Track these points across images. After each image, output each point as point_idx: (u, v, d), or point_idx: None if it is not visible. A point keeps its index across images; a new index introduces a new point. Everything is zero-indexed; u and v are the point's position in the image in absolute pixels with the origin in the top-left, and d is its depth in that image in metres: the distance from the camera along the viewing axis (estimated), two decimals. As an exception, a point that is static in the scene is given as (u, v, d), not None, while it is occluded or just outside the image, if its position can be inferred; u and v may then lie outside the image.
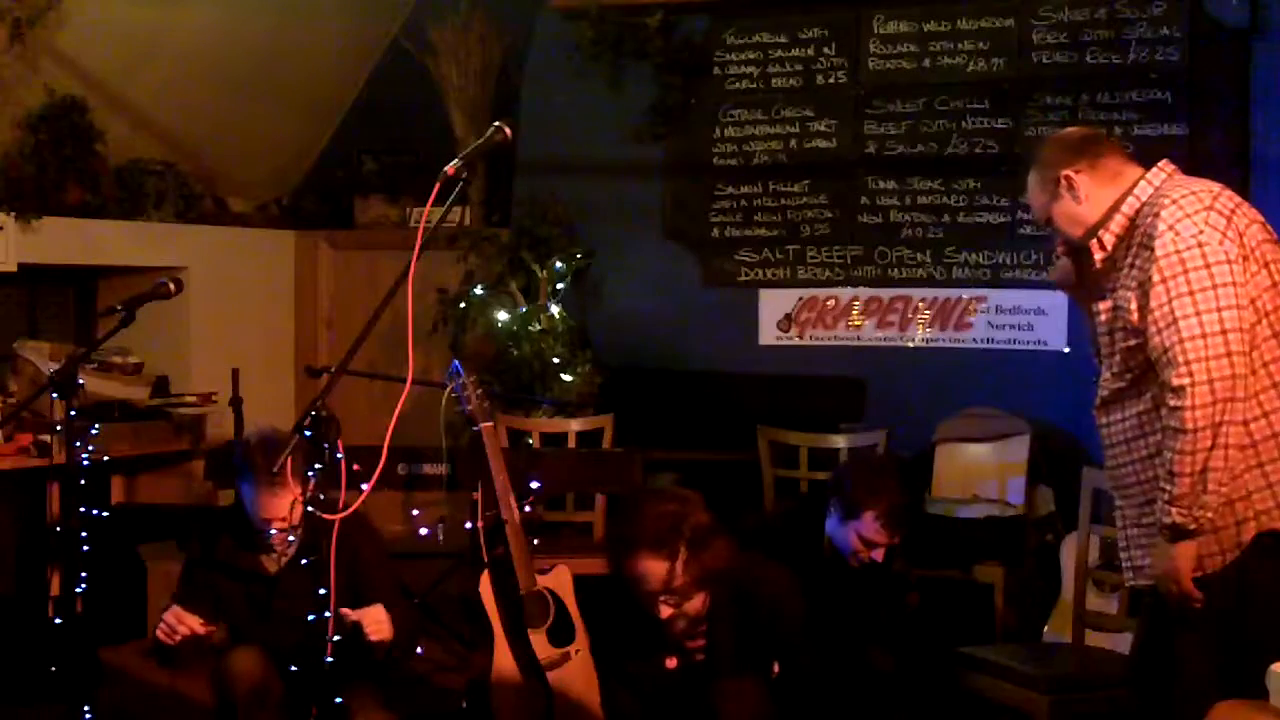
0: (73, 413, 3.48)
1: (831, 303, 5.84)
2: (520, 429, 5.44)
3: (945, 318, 5.66)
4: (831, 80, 5.81)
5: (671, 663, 3.52)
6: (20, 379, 5.25)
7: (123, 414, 5.44)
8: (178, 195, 6.04)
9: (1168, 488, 2.81)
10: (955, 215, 5.63)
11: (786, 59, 5.88)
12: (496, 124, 2.83)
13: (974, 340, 5.61)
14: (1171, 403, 2.78)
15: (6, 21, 4.95)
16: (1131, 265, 2.93)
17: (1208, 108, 5.21)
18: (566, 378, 5.71)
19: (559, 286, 5.89)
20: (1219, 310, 2.75)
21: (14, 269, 5.24)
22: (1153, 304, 2.82)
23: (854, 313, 5.79)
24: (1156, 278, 2.81)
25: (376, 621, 3.46)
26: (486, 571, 3.73)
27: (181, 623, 3.45)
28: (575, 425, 5.43)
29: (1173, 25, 5.25)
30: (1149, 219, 2.90)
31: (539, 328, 5.77)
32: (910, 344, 5.70)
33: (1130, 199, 2.97)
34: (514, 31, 6.30)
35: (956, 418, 5.26)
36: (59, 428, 4.07)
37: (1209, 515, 2.79)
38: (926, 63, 5.66)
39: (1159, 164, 3.03)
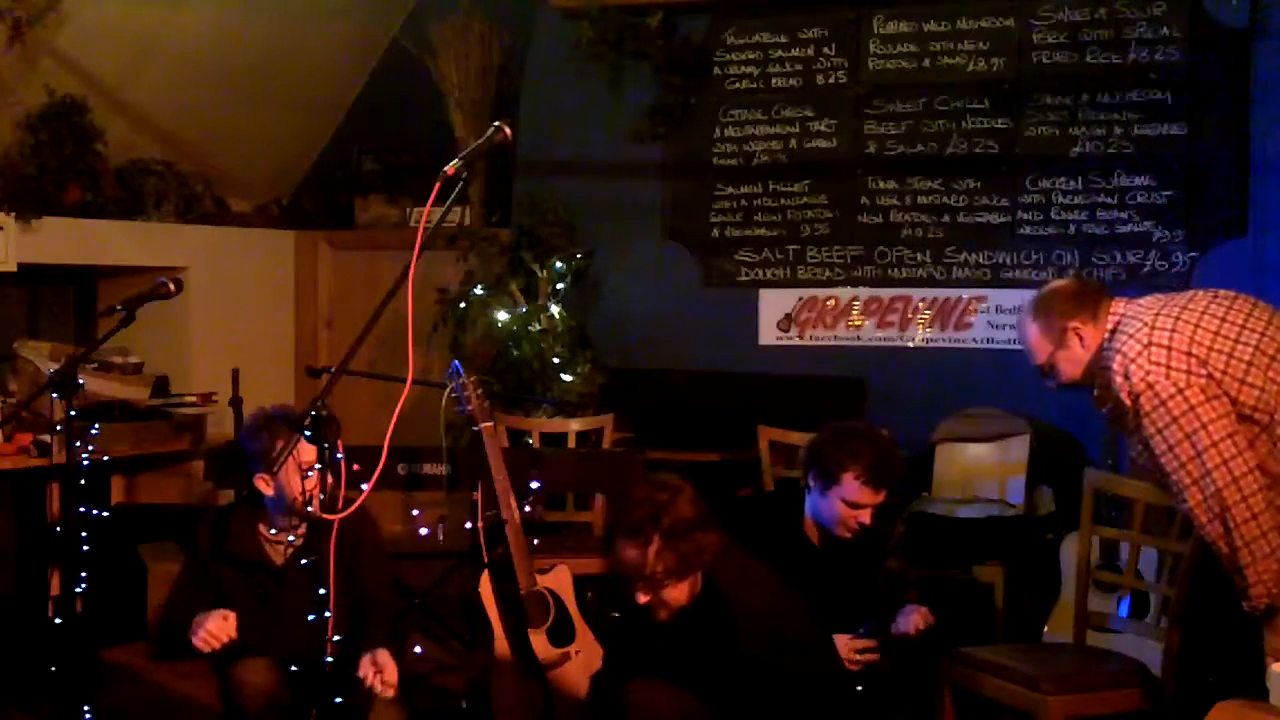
0: (73, 413, 3.47)
1: (831, 303, 5.84)
2: (520, 429, 5.43)
3: (945, 318, 5.66)
4: (831, 80, 5.82)
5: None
6: (20, 379, 5.25)
7: (123, 414, 5.44)
8: (178, 195, 6.04)
9: (1236, 583, 3.11)
10: (955, 215, 5.63)
11: (786, 59, 5.88)
12: (496, 124, 2.82)
13: (974, 340, 5.61)
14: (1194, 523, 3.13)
15: (6, 21, 4.95)
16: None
17: (1208, 108, 5.22)
18: (566, 378, 5.71)
19: (559, 286, 5.88)
20: (1188, 437, 3.06)
21: (14, 269, 5.24)
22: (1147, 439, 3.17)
23: (854, 313, 5.79)
24: (1137, 418, 3.15)
25: (389, 684, 3.40)
26: (486, 571, 3.73)
27: (220, 635, 3.40)
28: (575, 425, 5.42)
29: (1173, 25, 5.25)
30: (1106, 357, 3.25)
31: (539, 328, 5.76)
32: (910, 344, 5.70)
33: (1103, 344, 3.29)
34: (514, 31, 6.31)
35: (956, 418, 5.25)
36: (59, 428, 4.07)
37: (1271, 584, 3.04)
38: (926, 63, 5.66)
39: (1109, 305, 3.29)
